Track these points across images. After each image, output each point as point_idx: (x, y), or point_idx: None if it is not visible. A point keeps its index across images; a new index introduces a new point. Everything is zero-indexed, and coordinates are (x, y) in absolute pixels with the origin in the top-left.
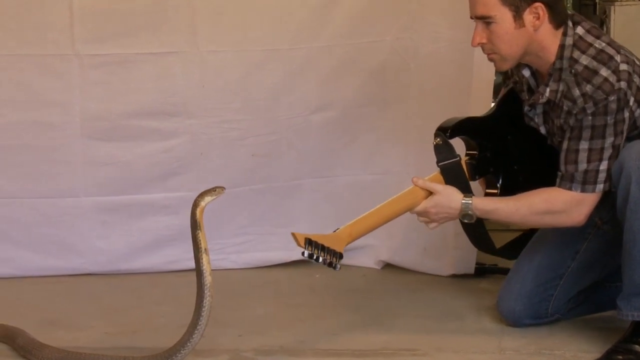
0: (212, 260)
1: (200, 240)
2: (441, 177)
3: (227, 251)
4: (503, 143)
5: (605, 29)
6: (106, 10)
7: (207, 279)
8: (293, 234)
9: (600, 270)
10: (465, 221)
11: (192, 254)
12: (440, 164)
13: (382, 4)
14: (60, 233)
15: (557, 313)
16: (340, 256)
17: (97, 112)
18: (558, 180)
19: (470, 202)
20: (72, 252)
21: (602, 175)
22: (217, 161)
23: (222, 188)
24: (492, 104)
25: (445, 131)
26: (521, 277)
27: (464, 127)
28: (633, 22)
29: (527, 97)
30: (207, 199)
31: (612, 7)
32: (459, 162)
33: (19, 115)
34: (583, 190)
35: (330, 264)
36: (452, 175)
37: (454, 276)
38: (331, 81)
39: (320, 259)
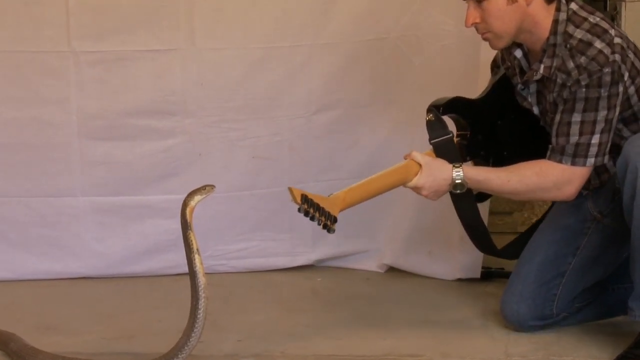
0: (213, 265)
1: (191, 241)
2: (434, 155)
3: (228, 257)
4: (493, 127)
5: (615, 25)
6: (103, 7)
7: (201, 279)
8: (290, 189)
9: (604, 267)
10: (457, 191)
11: None
12: (432, 141)
13: (386, 1)
14: (57, 234)
15: (563, 312)
16: (335, 220)
17: (94, 110)
18: (549, 152)
19: (460, 171)
20: (69, 255)
21: (593, 149)
22: (216, 163)
23: (212, 186)
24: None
25: (438, 108)
26: (522, 277)
27: (456, 105)
28: None
29: (519, 80)
30: (197, 198)
31: (623, 4)
32: (451, 139)
33: (14, 113)
34: (573, 164)
35: (325, 226)
36: (445, 153)
37: (460, 280)
38: (334, 80)
39: (316, 219)
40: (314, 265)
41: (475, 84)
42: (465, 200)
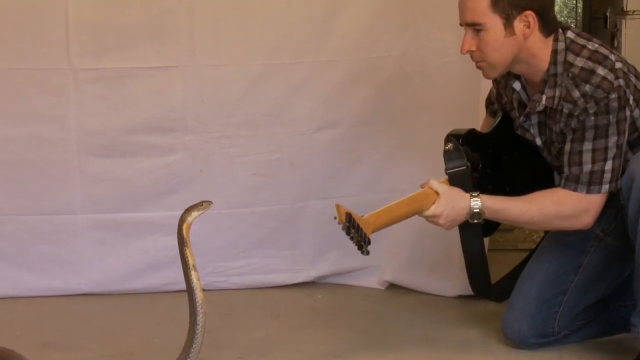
0: (213, 282)
1: (187, 257)
2: (448, 184)
3: (229, 273)
4: (500, 162)
5: (616, 42)
6: (102, 24)
7: (199, 295)
8: (336, 206)
9: (605, 285)
10: (475, 221)
11: None
12: (448, 171)
13: (387, 18)
14: (56, 251)
15: (565, 330)
16: (369, 241)
17: (93, 127)
18: (562, 182)
19: (478, 200)
20: (68, 272)
21: (607, 176)
22: (217, 179)
23: (210, 202)
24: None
25: (458, 138)
26: (524, 295)
27: (471, 137)
28: None
29: (518, 114)
30: (194, 214)
31: (624, 21)
32: (468, 171)
33: (13, 130)
34: (589, 192)
35: (360, 247)
36: (460, 184)
37: (460, 297)
38: (335, 97)
39: (354, 239)
40: (314, 282)
41: (476, 102)
42: (474, 232)
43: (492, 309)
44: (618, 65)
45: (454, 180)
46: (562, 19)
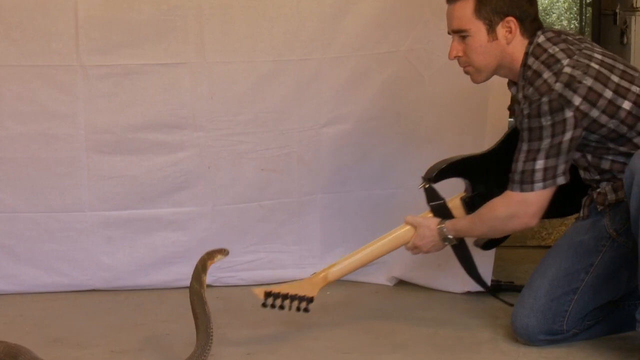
0: (221, 278)
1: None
2: (426, 216)
3: (237, 269)
4: (500, 181)
5: (625, 38)
6: (111, 21)
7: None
8: (252, 290)
9: (617, 287)
10: (449, 244)
11: None
12: (429, 204)
13: (395, 14)
14: (65, 249)
15: (573, 329)
16: (311, 300)
17: (102, 124)
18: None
19: (444, 225)
20: (77, 268)
21: (538, 175)
22: (225, 175)
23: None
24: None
25: (429, 179)
26: (534, 291)
27: (450, 170)
28: None
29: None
30: (219, 257)
31: (633, 17)
32: (444, 204)
33: (22, 128)
34: (522, 190)
35: (298, 309)
36: (441, 215)
37: (469, 293)
38: (343, 93)
39: (286, 308)
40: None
41: (484, 96)
42: (461, 250)
43: (500, 306)
44: (566, 70)
45: (435, 212)
46: (571, 16)
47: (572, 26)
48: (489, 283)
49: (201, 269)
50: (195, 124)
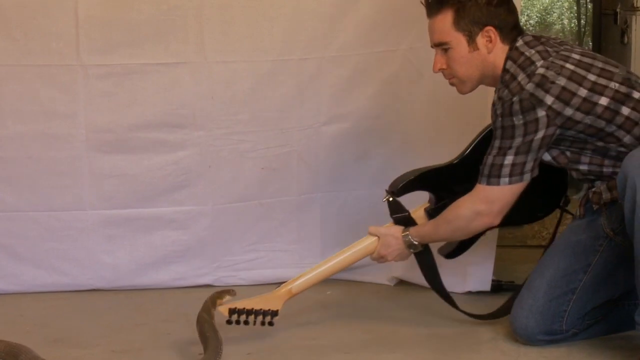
0: (222, 277)
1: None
2: (389, 226)
3: (237, 268)
4: (466, 188)
5: (626, 38)
6: (112, 21)
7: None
8: (217, 310)
9: (615, 286)
10: (414, 251)
11: (199, 271)
12: (392, 216)
13: (395, 13)
14: (65, 248)
15: (573, 328)
16: (275, 313)
17: (103, 123)
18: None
19: (407, 234)
20: (77, 268)
21: (505, 170)
22: (225, 174)
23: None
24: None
25: (393, 192)
26: (533, 292)
27: (415, 184)
28: None
29: None
30: (228, 297)
31: (634, 17)
32: (408, 217)
33: (23, 127)
34: (488, 183)
35: (262, 324)
36: (405, 225)
37: (469, 293)
38: (343, 92)
39: (250, 322)
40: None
41: (484, 94)
42: (425, 258)
43: (500, 305)
44: (540, 71)
45: (398, 224)
46: (571, 15)
47: (572, 25)
48: (489, 284)
49: (210, 304)
50: (196, 123)
